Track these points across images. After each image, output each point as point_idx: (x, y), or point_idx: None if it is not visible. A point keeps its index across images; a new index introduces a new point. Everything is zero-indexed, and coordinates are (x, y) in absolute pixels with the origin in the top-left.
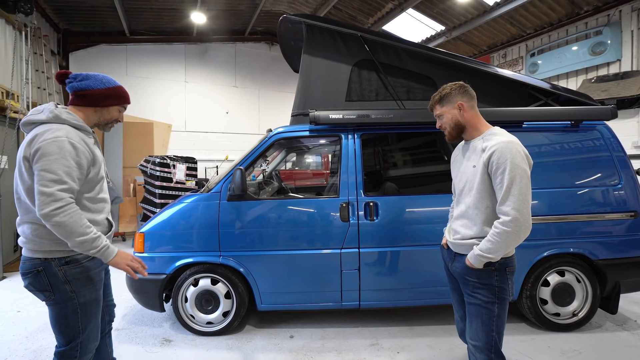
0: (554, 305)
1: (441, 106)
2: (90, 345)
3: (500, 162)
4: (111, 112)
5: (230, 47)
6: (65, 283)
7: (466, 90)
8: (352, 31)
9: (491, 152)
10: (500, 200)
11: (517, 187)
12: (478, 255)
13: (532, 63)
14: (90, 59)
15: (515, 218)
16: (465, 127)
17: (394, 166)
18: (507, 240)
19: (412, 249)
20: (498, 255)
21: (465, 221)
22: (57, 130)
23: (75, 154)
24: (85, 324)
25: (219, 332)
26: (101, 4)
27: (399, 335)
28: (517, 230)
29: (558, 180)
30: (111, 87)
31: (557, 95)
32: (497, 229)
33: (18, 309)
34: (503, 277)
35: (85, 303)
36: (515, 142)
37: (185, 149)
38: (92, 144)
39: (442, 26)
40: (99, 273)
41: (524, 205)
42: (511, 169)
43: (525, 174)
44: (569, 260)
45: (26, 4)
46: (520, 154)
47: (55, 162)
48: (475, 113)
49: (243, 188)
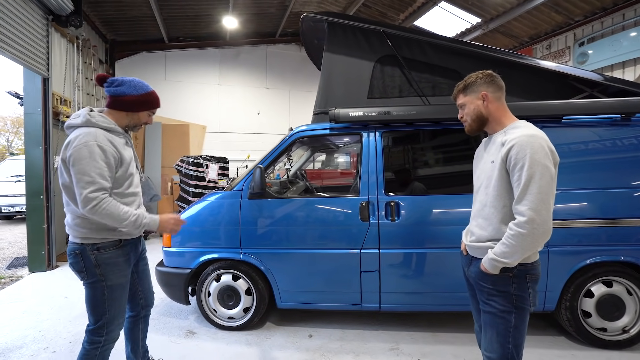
0: (599, 319)
1: (464, 95)
2: (114, 327)
3: (519, 157)
4: (141, 117)
5: (261, 50)
6: (96, 267)
7: (493, 80)
8: (374, 27)
9: (510, 145)
10: (516, 199)
11: (536, 185)
12: (492, 259)
13: (581, 53)
14: (133, 66)
15: (532, 219)
16: (488, 119)
17: (422, 165)
18: (523, 243)
19: (435, 251)
20: (514, 260)
21: (480, 221)
22: (87, 135)
23: (104, 156)
24: (109, 306)
25: (240, 327)
26: (143, 14)
27: (421, 341)
28: (533, 233)
29: (608, 180)
30: (143, 94)
31: (604, 86)
32: (512, 231)
33: (65, 296)
34: (522, 285)
35: (112, 286)
36: (538, 136)
37: (219, 150)
38: (123, 145)
39: (478, 18)
40: (127, 261)
41: (542, 205)
42: (530, 165)
43: (546, 172)
44: (617, 270)
45: (76, 18)
46: (542, 149)
47: (87, 165)
48: (500, 105)
49: (262, 186)
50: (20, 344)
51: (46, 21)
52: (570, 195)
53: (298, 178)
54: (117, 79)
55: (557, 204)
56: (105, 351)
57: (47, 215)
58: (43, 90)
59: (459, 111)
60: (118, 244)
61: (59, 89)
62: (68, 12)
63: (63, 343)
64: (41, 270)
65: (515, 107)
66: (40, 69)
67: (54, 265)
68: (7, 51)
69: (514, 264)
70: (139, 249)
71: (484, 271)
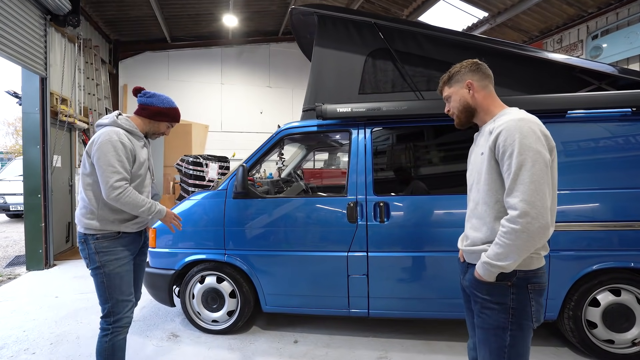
0: (605, 330)
1: (449, 87)
2: (119, 314)
3: (507, 144)
4: (160, 127)
5: (264, 48)
6: (96, 254)
7: (478, 68)
8: (365, 19)
9: (497, 132)
10: (507, 191)
11: (528, 172)
12: (485, 263)
13: (595, 47)
14: (136, 66)
15: (525, 212)
16: (476, 110)
17: (414, 164)
18: (517, 241)
19: (428, 255)
20: (510, 262)
21: (474, 222)
22: (111, 133)
23: (124, 151)
24: (110, 294)
25: (224, 331)
26: (144, 14)
27: (412, 350)
28: (528, 228)
29: (617, 180)
30: (167, 108)
31: (613, 78)
32: (504, 228)
33: (57, 295)
34: (523, 296)
35: (110, 274)
36: (528, 120)
37: (222, 149)
38: (140, 146)
39: (485, 12)
40: (125, 251)
41: (536, 195)
42: (520, 151)
43: (539, 157)
44: (627, 277)
45: (74, 17)
46: (533, 133)
47: (111, 158)
48: (488, 94)
49: (244, 185)
50: (2, 344)
51: (44, 21)
52: (575, 196)
53: (292, 177)
54: (150, 92)
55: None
56: (116, 341)
57: (45, 214)
58: (41, 89)
59: (446, 105)
60: (116, 236)
61: (57, 88)
62: (66, 11)
63: (44, 344)
64: (38, 269)
65: (516, 101)
66: (37, 69)
67: (51, 264)
68: (4, 51)
69: (510, 268)
70: (139, 243)
71: (478, 279)
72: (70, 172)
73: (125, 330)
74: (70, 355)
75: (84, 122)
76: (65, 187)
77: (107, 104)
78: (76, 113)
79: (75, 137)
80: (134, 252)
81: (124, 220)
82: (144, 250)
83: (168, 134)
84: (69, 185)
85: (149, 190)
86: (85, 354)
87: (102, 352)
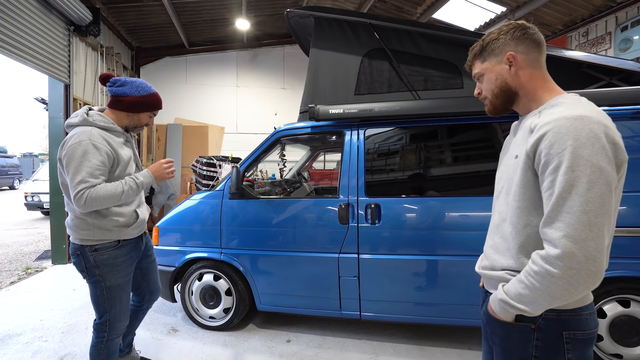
0: (612, 343)
1: (482, 61)
2: (118, 323)
3: (553, 152)
4: (141, 118)
5: (278, 51)
6: (95, 267)
7: (525, 34)
8: (361, 19)
9: (541, 133)
10: (545, 218)
11: (580, 198)
12: (502, 301)
13: (624, 39)
14: (156, 71)
15: (569, 253)
16: (517, 93)
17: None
18: (552, 288)
19: (421, 258)
20: (536, 309)
21: (497, 240)
22: (82, 134)
23: (98, 154)
24: (111, 305)
25: (221, 327)
26: (163, 21)
27: (404, 355)
28: (571, 275)
29: (628, 183)
30: (144, 95)
31: (625, 73)
32: (536, 266)
33: (74, 288)
34: (553, 345)
35: (111, 287)
36: (590, 119)
37: (237, 150)
38: (120, 144)
39: (503, 7)
40: (127, 261)
41: (589, 232)
42: (572, 166)
43: (600, 177)
44: (636, 287)
45: (94, 27)
46: (596, 140)
47: (79, 165)
48: (536, 72)
49: (238, 186)
50: (20, 331)
51: (68, 32)
52: None
53: (296, 179)
54: (120, 79)
55: None
56: (110, 345)
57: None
58: (65, 95)
59: (476, 85)
60: (117, 245)
61: (80, 94)
62: (87, 22)
63: (56, 333)
64: (62, 263)
65: None
66: (61, 77)
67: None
68: (32, 62)
69: (536, 313)
70: (141, 247)
71: (492, 315)
72: None
73: (121, 334)
74: (77, 344)
75: None
76: None
77: None
78: None
79: None
80: (137, 257)
81: (124, 226)
82: (148, 253)
83: (152, 124)
84: None
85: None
86: None
87: (101, 355)
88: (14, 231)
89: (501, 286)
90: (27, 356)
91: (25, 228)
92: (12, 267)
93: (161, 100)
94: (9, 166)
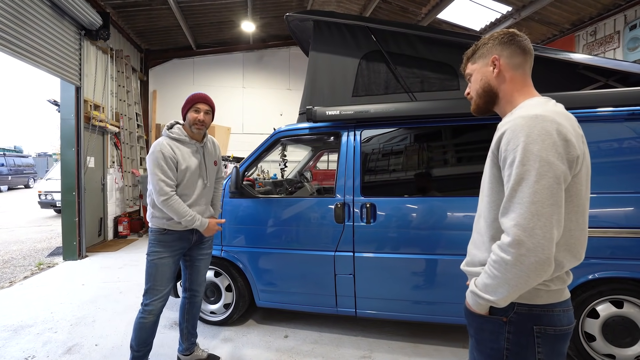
0: (605, 343)
1: (472, 63)
2: (150, 299)
3: (509, 149)
4: (189, 118)
5: (284, 52)
6: (149, 243)
7: (512, 40)
8: (358, 22)
9: (501, 132)
10: (501, 209)
11: (529, 189)
12: (472, 292)
13: (633, 38)
14: (164, 73)
15: (518, 240)
16: (498, 94)
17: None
18: (507, 275)
19: (414, 257)
20: (501, 298)
21: (475, 236)
22: (156, 145)
23: (164, 159)
24: (148, 278)
25: (221, 322)
26: (171, 24)
27: (399, 352)
28: (521, 261)
29: (621, 184)
30: (186, 100)
31: (622, 74)
32: (494, 256)
33: (83, 283)
34: (524, 339)
35: (150, 262)
36: (544, 118)
37: (243, 150)
38: (188, 153)
39: (509, 7)
40: (167, 247)
41: (536, 221)
42: (522, 160)
43: (548, 170)
44: (630, 288)
45: (104, 31)
46: (546, 136)
47: (154, 167)
48: (518, 76)
49: (237, 185)
50: (32, 322)
51: (79, 36)
52: None
53: (298, 178)
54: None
55: None
56: (142, 323)
57: (78, 210)
58: (76, 97)
59: (468, 86)
60: (162, 232)
61: (91, 96)
62: (97, 26)
63: (65, 325)
64: (73, 259)
65: None
66: (73, 79)
67: (83, 255)
68: (45, 65)
69: (502, 304)
70: (189, 240)
71: (468, 308)
72: (102, 172)
73: (150, 317)
74: (85, 335)
75: (115, 126)
76: (98, 186)
77: (137, 109)
78: (108, 118)
79: (107, 140)
80: (181, 248)
81: (169, 218)
82: (200, 247)
83: (204, 118)
84: (102, 184)
85: (197, 194)
86: (98, 335)
87: (134, 326)
88: (28, 228)
89: (473, 280)
90: (38, 346)
91: (38, 225)
92: (26, 262)
93: (199, 94)
94: (24, 165)
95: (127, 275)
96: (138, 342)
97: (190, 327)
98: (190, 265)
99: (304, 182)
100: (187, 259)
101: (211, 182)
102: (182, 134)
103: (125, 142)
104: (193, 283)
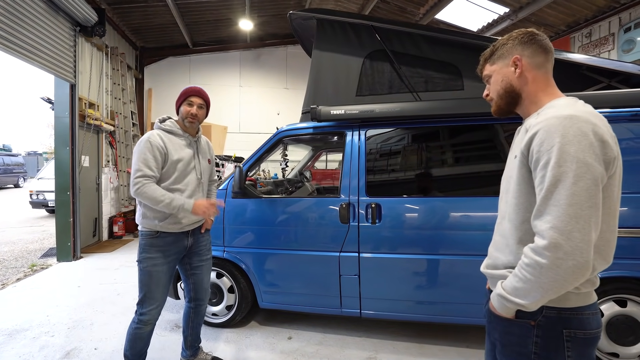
0: (609, 342)
1: (491, 64)
2: (145, 309)
3: (543, 150)
4: (182, 111)
5: (281, 51)
6: (140, 247)
7: (532, 39)
8: (363, 21)
9: (533, 132)
10: (535, 211)
11: (567, 191)
12: (500, 296)
13: (627, 40)
14: (160, 71)
15: (555, 244)
16: (520, 95)
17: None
18: (542, 279)
19: (420, 257)
20: (531, 302)
21: (497, 239)
22: (147, 134)
23: (151, 149)
24: (140, 287)
25: (223, 324)
26: (167, 21)
27: (404, 352)
28: (559, 265)
29: (625, 184)
30: (179, 94)
31: (624, 75)
32: (527, 259)
33: (79, 285)
34: (553, 343)
35: (143, 270)
36: (579, 118)
37: (240, 149)
38: (181, 145)
39: (506, 8)
40: (161, 252)
41: (575, 224)
42: (559, 161)
43: (586, 172)
44: (633, 288)
45: (100, 28)
46: (583, 137)
47: (137, 157)
48: (540, 75)
49: (240, 185)
50: (27, 326)
51: (74, 32)
52: None
53: (298, 178)
54: None
55: None
56: (137, 333)
57: (73, 210)
58: (70, 95)
59: (486, 87)
60: (154, 235)
61: (86, 93)
62: (92, 23)
63: (62, 328)
64: (67, 260)
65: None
66: (67, 77)
67: (78, 256)
68: (38, 62)
69: (532, 308)
70: (186, 244)
71: (493, 312)
72: (97, 172)
73: (146, 327)
74: (83, 339)
75: (110, 125)
76: (92, 185)
77: (132, 108)
78: (103, 116)
79: (102, 139)
80: (176, 253)
81: (161, 219)
82: (199, 251)
83: (197, 112)
84: (96, 184)
85: (192, 190)
86: (96, 338)
87: (127, 336)
88: (19, 229)
89: (500, 283)
90: (35, 350)
91: (30, 226)
92: (18, 264)
93: (193, 87)
94: (13, 164)
95: (124, 277)
96: (133, 352)
97: (195, 334)
98: (191, 275)
99: (305, 182)
100: (187, 267)
101: (205, 179)
102: (174, 126)
103: (120, 141)
104: (198, 292)
